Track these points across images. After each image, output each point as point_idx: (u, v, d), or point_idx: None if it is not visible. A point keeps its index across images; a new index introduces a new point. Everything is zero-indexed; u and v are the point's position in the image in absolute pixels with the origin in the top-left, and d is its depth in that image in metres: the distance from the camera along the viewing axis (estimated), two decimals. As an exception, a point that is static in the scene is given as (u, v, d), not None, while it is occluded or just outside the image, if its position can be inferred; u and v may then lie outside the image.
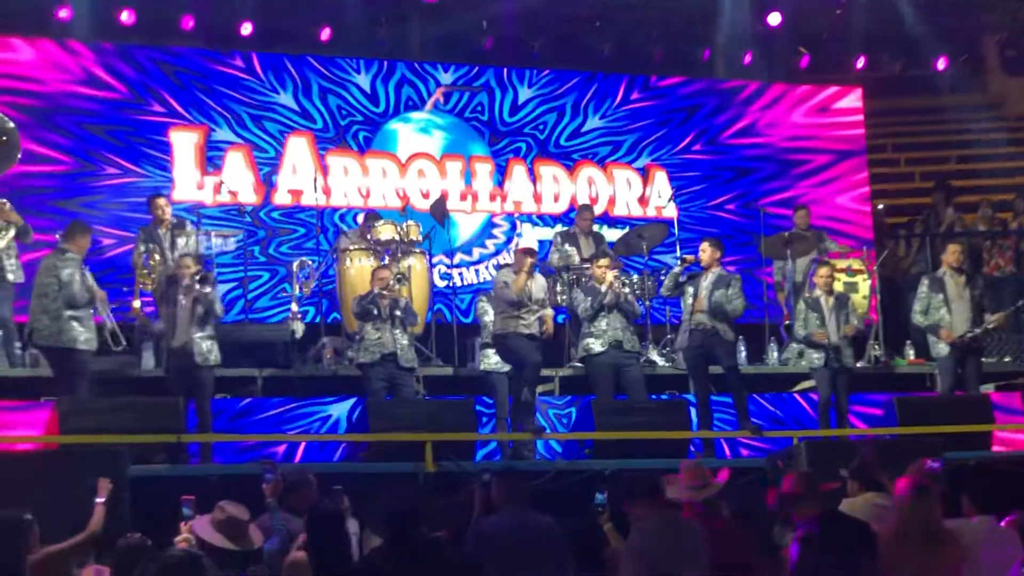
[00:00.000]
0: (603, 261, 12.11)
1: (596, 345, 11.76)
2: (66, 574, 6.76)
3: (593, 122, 16.12)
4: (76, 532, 7.01)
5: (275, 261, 14.56)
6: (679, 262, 12.23)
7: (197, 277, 10.89)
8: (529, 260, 11.74)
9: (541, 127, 15.94)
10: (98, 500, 7.32)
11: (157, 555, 4.54)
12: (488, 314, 12.18)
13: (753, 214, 15.35)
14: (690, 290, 11.86)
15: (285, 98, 15.04)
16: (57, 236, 11.03)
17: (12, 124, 11.52)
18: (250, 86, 14.94)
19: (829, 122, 17.06)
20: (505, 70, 15.93)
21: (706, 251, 11.96)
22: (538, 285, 11.86)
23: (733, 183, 16.50)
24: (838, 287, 12.69)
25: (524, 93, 15.95)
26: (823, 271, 12.28)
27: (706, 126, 16.56)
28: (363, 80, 15.42)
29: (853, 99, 17.19)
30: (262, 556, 7.34)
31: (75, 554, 6.95)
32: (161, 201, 12.73)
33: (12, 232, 10.98)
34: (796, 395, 13.16)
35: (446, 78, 15.71)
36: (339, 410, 11.97)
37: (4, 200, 11.40)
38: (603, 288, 11.78)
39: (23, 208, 11.96)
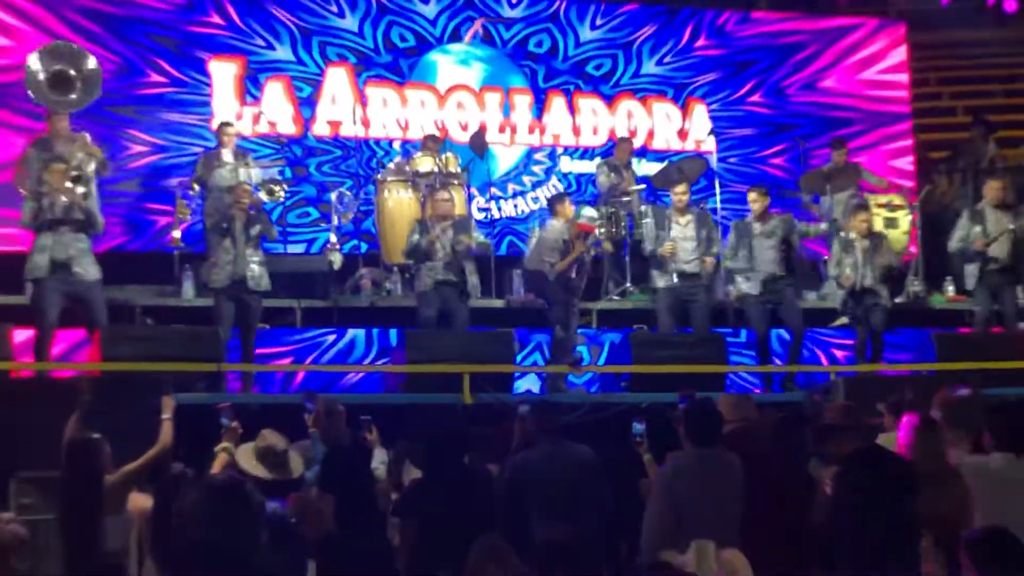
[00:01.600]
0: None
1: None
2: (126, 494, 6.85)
3: (648, 66, 16.01)
4: (120, 459, 7.07)
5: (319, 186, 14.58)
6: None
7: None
8: (580, 246, 11.84)
9: (597, 67, 15.85)
10: (164, 416, 7.40)
11: (200, 481, 4.58)
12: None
13: (794, 168, 15.21)
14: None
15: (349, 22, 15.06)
16: None
17: (95, 64, 11.55)
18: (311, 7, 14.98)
19: (876, 80, 16.80)
20: (567, 5, 15.83)
21: (756, 200, 11.99)
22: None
23: (776, 136, 16.31)
24: (877, 224, 12.63)
25: (585, 34, 15.88)
26: (861, 215, 12.21)
27: (759, 78, 16.37)
28: (429, 10, 15.41)
29: (900, 64, 16.90)
30: (302, 484, 7.41)
31: (147, 470, 7.03)
32: (231, 129, 12.80)
33: (93, 165, 10.95)
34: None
35: (511, 12, 15.63)
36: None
37: (85, 132, 11.41)
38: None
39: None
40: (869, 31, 16.92)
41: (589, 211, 12.55)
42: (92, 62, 11.51)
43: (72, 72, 11.34)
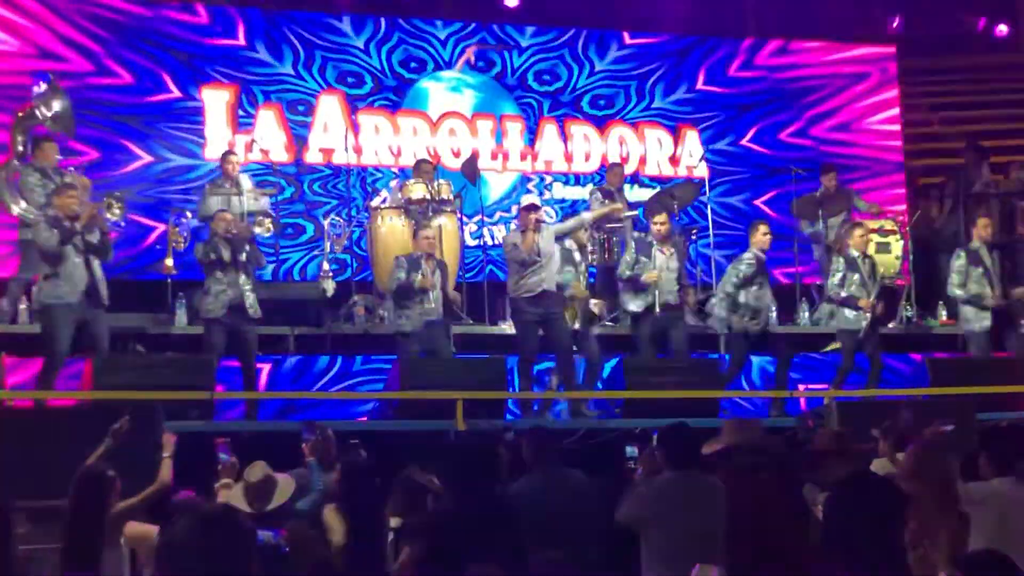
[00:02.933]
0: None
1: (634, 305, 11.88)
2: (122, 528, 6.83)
3: (658, 101, 16.10)
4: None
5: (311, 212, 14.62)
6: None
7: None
8: (533, 216, 11.49)
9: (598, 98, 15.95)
10: (165, 455, 7.35)
11: (193, 509, 4.57)
12: None
13: (784, 210, 15.23)
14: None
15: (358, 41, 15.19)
16: None
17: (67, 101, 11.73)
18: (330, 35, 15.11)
19: (875, 131, 16.91)
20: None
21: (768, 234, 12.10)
22: (545, 238, 11.55)
23: (769, 180, 16.32)
24: (870, 249, 12.67)
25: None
26: (859, 231, 12.27)
27: (755, 118, 16.46)
28: (440, 33, 15.52)
29: (893, 106, 17.01)
30: (294, 512, 7.38)
31: (144, 506, 7.01)
32: (234, 158, 12.90)
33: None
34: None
35: (523, 40, 15.75)
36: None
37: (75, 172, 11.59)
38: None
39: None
40: (862, 57, 16.98)
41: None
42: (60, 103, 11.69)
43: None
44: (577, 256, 12.27)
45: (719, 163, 15.82)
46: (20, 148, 11.81)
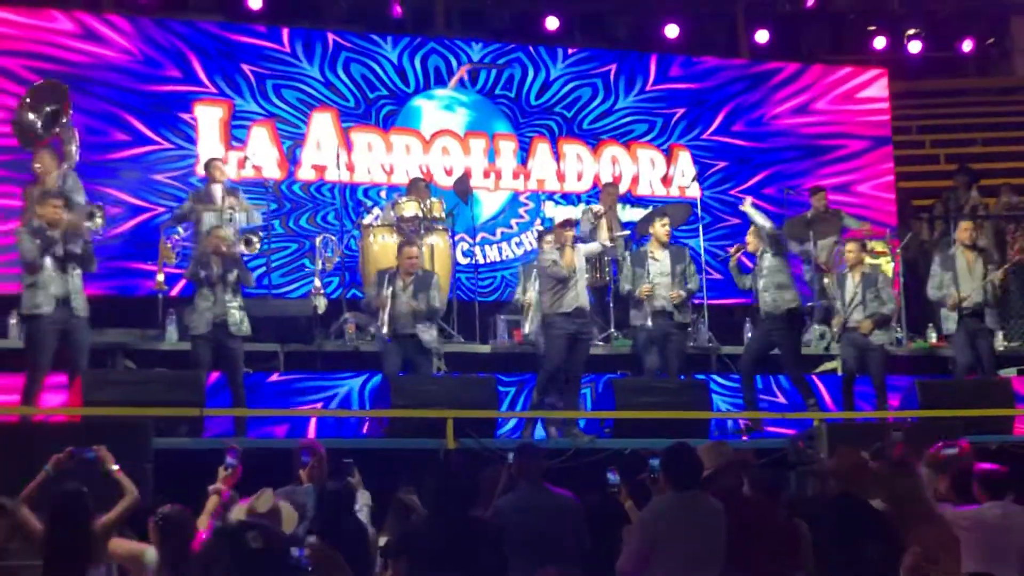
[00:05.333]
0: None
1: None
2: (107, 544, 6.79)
3: (623, 102, 16.09)
4: (102, 504, 7.01)
5: (297, 235, 14.58)
6: (732, 253, 12.29)
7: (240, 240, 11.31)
8: (570, 232, 11.56)
9: (568, 107, 15.91)
10: (114, 468, 7.27)
11: (234, 541, 4.57)
12: (528, 291, 12.19)
13: (776, 200, 15.26)
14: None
15: (312, 71, 15.05)
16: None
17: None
18: (278, 57, 14.95)
19: (855, 109, 16.91)
20: (532, 48, 15.90)
21: (752, 237, 12.08)
22: (580, 254, 11.63)
23: (758, 168, 16.37)
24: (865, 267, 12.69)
25: (554, 71, 15.93)
26: (851, 246, 12.33)
27: (734, 109, 16.45)
28: (392, 54, 15.43)
29: (879, 87, 17.00)
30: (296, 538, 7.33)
31: (123, 520, 6.96)
32: (219, 162, 12.86)
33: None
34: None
35: (476, 54, 15.68)
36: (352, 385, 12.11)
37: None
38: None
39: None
40: (851, 77, 17.05)
41: None
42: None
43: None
44: None
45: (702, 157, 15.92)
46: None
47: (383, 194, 14.61)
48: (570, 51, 16.02)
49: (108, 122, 14.06)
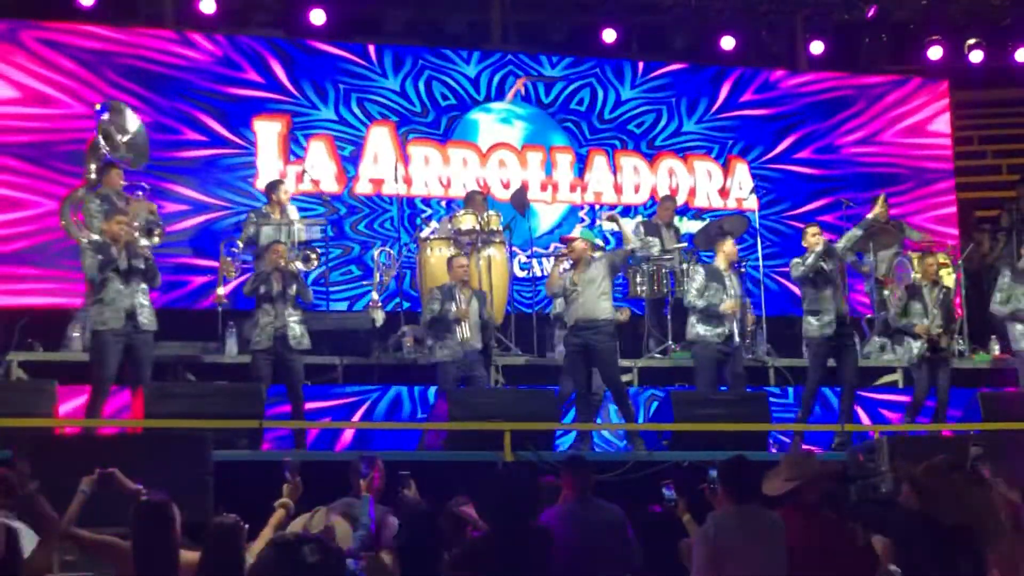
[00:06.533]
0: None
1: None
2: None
3: (689, 125, 16.09)
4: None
5: (353, 239, 14.67)
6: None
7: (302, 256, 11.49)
8: (578, 247, 11.44)
9: (638, 126, 15.93)
10: (140, 487, 7.23)
11: (293, 554, 4.60)
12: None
13: (835, 228, 15.14)
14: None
15: (391, 83, 15.18)
16: None
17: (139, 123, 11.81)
18: (357, 72, 15.13)
19: (921, 142, 16.81)
20: (604, 67, 15.94)
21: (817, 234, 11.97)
22: (597, 264, 11.42)
23: (817, 196, 16.26)
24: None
25: (624, 92, 15.96)
26: (929, 259, 12.24)
27: (801, 136, 16.41)
28: (470, 70, 15.53)
29: (943, 122, 16.92)
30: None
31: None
32: (284, 187, 12.97)
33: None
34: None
35: (551, 71, 15.75)
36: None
37: (142, 195, 11.69)
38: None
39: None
40: (913, 88, 16.93)
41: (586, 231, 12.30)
42: (136, 135, 11.78)
43: (115, 132, 11.67)
44: None
45: (763, 185, 15.83)
46: (92, 176, 11.86)
47: (443, 204, 14.70)
48: (639, 70, 16.02)
49: (182, 121, 14.27)
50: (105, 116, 12.17)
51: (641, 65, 16.05)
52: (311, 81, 14.86)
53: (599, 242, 12.20)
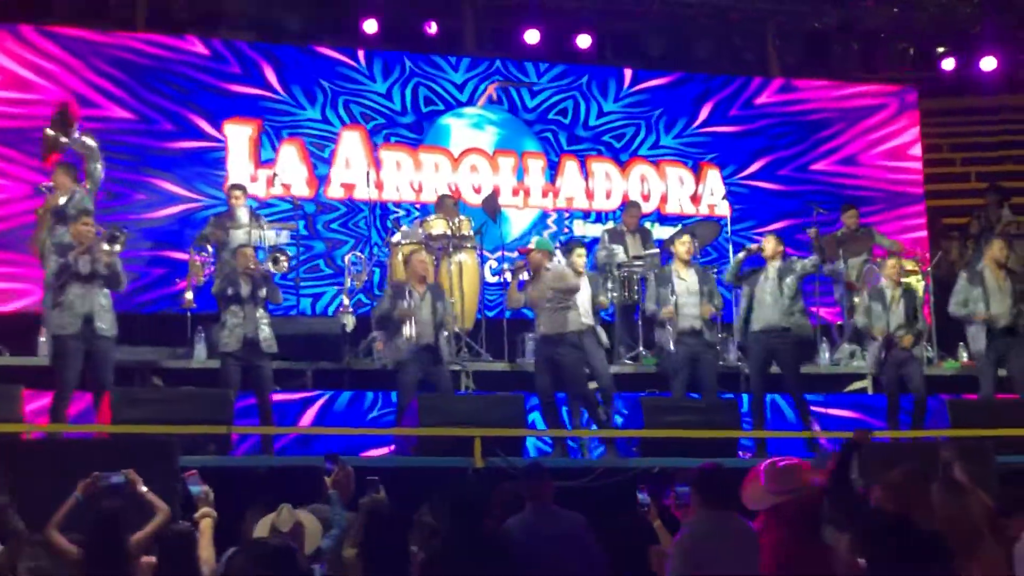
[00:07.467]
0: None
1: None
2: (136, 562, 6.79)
3: (667, 139, 16.15)
4: (133, 524, 6.99)
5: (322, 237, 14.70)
6: (743, 251, 12.22)
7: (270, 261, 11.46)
8: (537, 259, 11.48)
9: (618, 137, 15.98)
10: (143, 489, 7.28)
11: (251, 544, 4.56)
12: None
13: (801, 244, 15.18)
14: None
15: (378, 87, 15.25)
16: None
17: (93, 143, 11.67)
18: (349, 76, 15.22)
19: (894, 165, 16.88)
20: (591, 78, 16.01)
21: (770, 242, 11.98)
22: (545, 282, 11.37)
23: (787, 215, 16.20)
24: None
25: (606, 105, 16.02)
26: (891, 262, 12.31)
27: (776, 158, 16.48)
28: (456, 77, 15.58)
29: (917, 149, 17.01)
30: (320, 552, 7.31)
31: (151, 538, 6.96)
32: (237, 191, 12.89)
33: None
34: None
35: (536, 79, 15.83)
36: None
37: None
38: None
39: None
40: (892, 114, 16.95)
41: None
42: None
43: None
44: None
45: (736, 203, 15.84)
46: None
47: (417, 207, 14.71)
48: (624, 83, 16.05)
49: (162, 113, 14.32)
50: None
51: (628, 77, 16.08)
52: (299, 83, 14.91)
53: (558, 252, 12.15)
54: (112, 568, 6.33)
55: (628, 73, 16.15)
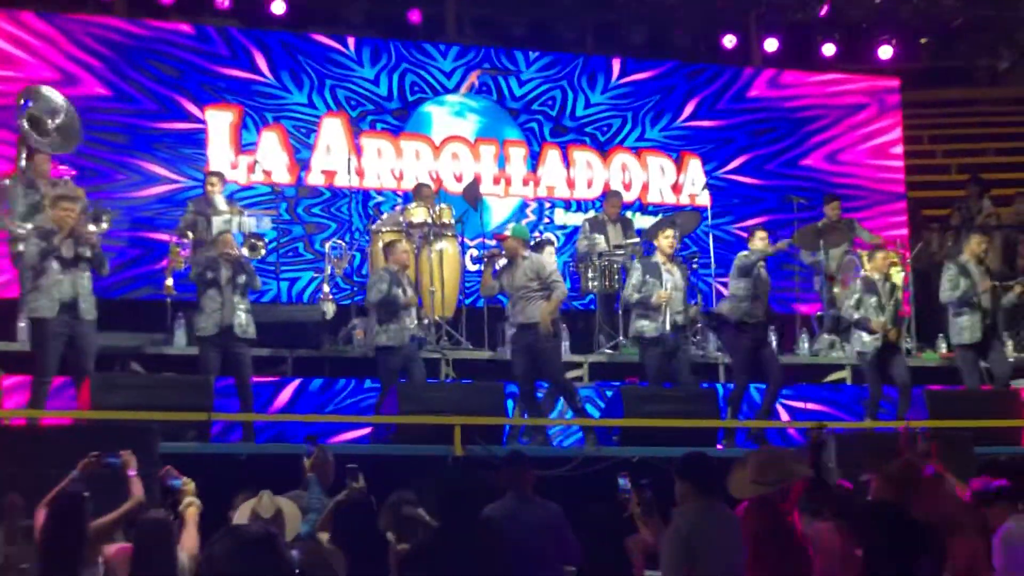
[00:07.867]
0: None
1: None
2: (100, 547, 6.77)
3: (652, 132, 16.13)
4: (105, 508, 6.99)
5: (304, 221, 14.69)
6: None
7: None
8: (494, 252, 11.54)
9: (603, 130, 15.97)
10: (131, 473, 7.27)
11: (232, 531, 4.52)
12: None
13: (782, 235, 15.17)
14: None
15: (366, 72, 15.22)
16: None
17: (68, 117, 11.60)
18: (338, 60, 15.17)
19: (878, 164, 16.89)
20: (581, 70, 15.98)
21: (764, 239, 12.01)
22: (522, 271, 11.31)
23: (768, 211, 16.22)
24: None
25: (593, 97, 16.00)
26: (880, 254, 12.33)
27: (752, 145, 16.48)
28: (444, 64, 15.55)
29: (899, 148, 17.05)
30: (298, 537, 7.31)
31: (120, 526, 6.94)
32: (214, 178, 12.85)
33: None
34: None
35: (524, 68, 15.80)
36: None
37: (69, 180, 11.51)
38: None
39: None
40: (875, 113, 16.96)
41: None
42: (64, 115, 11.58)
43: (47, 119, 11.46)
44: None
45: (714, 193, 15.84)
46: (22, 164, 11.64)
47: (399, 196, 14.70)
48: (612, 75, 16.05)
49: (146, 93, 14.27)
50: (30, 104, 11.85)
51: (617, 69, 16.06)
52: (287, 68, 14.88)
53: (532, 240, 12.13)
54: (67, 552, 6.30)
55: (616, 65, 16.12)
